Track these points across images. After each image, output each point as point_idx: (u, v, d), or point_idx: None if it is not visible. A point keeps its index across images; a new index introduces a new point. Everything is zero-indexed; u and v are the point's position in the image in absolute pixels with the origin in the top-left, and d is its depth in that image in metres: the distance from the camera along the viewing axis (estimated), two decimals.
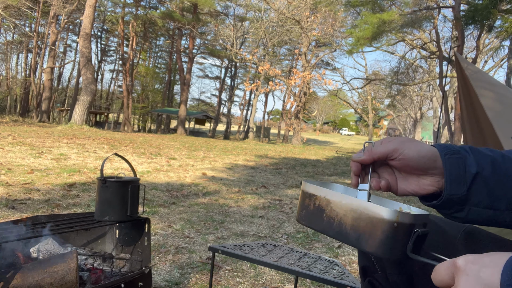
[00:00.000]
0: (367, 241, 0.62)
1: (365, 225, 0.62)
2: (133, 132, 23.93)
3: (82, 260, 1.67)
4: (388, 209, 0.61)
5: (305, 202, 0.72)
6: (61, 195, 4.07)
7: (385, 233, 0.61)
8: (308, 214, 0.71)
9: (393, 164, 0.68)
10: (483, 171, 0.64)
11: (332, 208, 0.67)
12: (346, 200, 0.66)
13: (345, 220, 0.65)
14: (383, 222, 0.61)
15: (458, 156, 0.65)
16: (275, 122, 57.50)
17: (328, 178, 8.25)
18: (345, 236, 0.65)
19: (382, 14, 16.35)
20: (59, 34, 29.30)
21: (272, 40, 27.36)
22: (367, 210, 0.63)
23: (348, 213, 0.65)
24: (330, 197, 0.68)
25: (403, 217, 0.60)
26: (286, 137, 30.38)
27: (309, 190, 0.72)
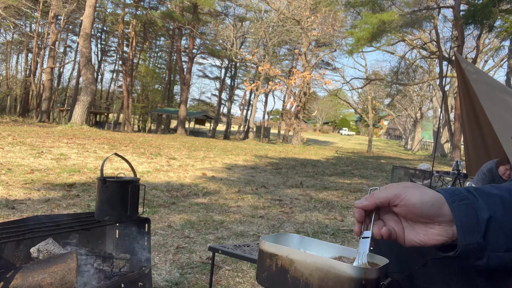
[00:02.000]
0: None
1: (333, 284, 0.60)
2: (133, 132, 23.93)
3: (82, 260, 1.67)
4: (354, 266, 0.60)
5: (266, 262, 0.67)
6: (61, 195, 4.07)
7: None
8: (270, 275, 0.66)
9: (397, 211, 0.64)
10: (496, 213, 0.60)
11: (296, 268, 0.63)
12: (310, 259, 0.63)
13: (311, 281, 0.62)
14: (351, 280, 0.58)
15: (467, 202, 0.60)
16: (275, 122, 57.48)
17: (328, 178, 8.25)
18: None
19: (382, 14, 16.35)
20: (59, 34, 29.30)
21: (272, 40, 27.36)
22: (333, 269, 0.60)
23: (313, 272, 0.61)
24: (293, 256, 0.64)
25: (370, 273, 0.59)
26: (286, 137, 30.38)
27: (270, 250, 0.67)
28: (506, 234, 0.59)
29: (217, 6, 29.36)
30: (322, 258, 0.63)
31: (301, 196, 5.60)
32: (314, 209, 4.68)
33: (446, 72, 19.63)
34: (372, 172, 10.70)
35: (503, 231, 0.59)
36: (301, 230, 3.62)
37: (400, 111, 43.08)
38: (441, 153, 25.18)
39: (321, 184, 7.10)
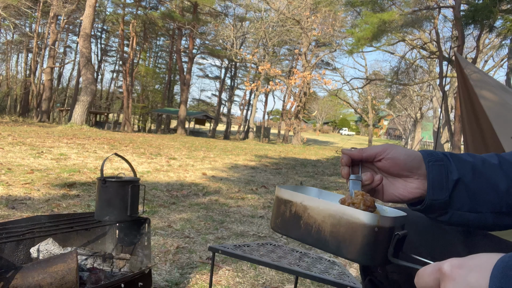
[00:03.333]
0: (347, 248, 0.60)
1: (345, 231, 0.60)
2: (133, 132, 23.93)
3: (82, 260, 1.67)
4: (368, 213, 0.59)
5: (281, 209, 0.68)
6: (61, 195, 4.07)
7: (366, 238, 0.58)
8: (284, 222, 0.67)
9: (380, 165, 0.70)
10: (464, 177, 0.66)
11: (309, 215, 0.64)
12: (324, 206, 0.63)
13: (323, 227, 0.62)
14: (364, 227, 0.58)
15: (441, 164, 0.67)
16: (275, 122, 57.49)
17: (328, 178, 8.25)
18: (324, 244, 0.62)
19: (382, 14, 16.35)
20: (59, 34, 29.31)
21: (272, 40, 27.36)
22: (346, 215, 0.60)
23: (326, 219, 0.62)
24: (307, 203, 0.65)
25: (383, 221, 0.59)
26: (286, 137, 30.38)
27: (284, 196, 0.68)
28: (470, 196, 0.66)
29: (217, 6, 29.36)
30: (336, 205, 0.63)
31: None
32: None
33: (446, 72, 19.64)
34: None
35: (468, 193, 0.66)
36: None
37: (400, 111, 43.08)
38: None
39: (321, 184, 7.10)
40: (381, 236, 0.58)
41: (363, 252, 0.59)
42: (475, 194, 0.66)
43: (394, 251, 0.59)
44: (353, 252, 0.59)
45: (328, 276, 1.56)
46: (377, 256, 0.59)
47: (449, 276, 0.44)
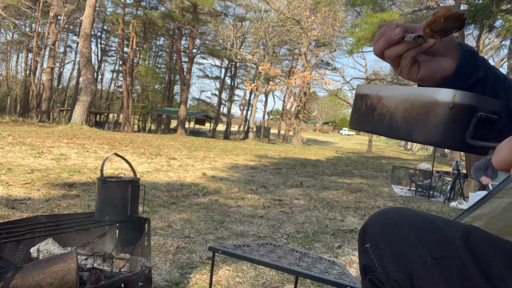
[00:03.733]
0: (418, 130, 0.55)
1: (417, 113, 0.56)
2: (133, 132, 23.93)
3: (82, 260, 1.67)
4: (444, 89, 0.54)
5: (357, 104, 0.68)
6: (61, 195, 4.07)
7: (438, 117, 0.53)
8: (359, 117, 0.67)
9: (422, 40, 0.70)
10: (486, 81, 0.69)
11: (383, 104, 0.62)
12: (398, 92, 0.60)
13: (396, 114, 0.59)
14: (437, 104, 0.53)
15: (475, 58, 0.69)
16: (275, 122, 57.48)
17: (328, 178, 8.25)
18: (396, 131, 0.59)
19: (382, 14, 16.36)
20: (59, 34, 29.31)
21: (272, 40, 27.36)
22: (420, 96, 0.56)
23: (399, 105, 0.59)
24: (382, 93, 0.63)
25: (461, 97, 0.52)
26: (286, 137, 30.38)
27: (362, 91, 0.68)
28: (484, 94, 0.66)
29: (217, 6, 29.35)
30: (411, 88, 0.59)
31: (301, 196, 5.60)
32: (314, 209, 4.68)
33: None
34: (372, 172, 10.70)
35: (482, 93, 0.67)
36: (301, 230, 3.62)
37: None
38: (441, 153, 25.17)
39: (321, 184, 7.10)
40: (458, 114, 0.52)
41: (434, 132, 0.53)
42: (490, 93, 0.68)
43: (474, 133, 0.53)
44: (424, 134, 0.55)
45: (328, 276, 1.55)
46: (451, 137, 0.53)
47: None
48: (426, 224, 0.74)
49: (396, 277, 0.72)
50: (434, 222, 0.74)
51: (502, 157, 0.44)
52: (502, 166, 0.45)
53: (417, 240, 0.72)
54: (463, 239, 0.68)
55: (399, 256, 0.72)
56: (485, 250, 0.66)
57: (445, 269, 0.66)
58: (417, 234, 0.73)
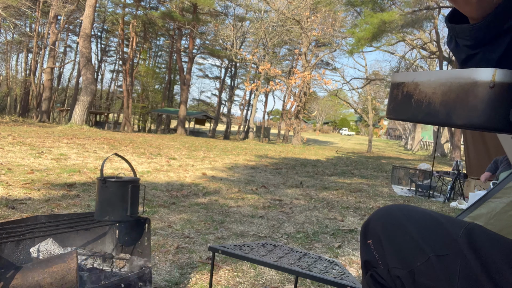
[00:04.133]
0: (458, 113, 0.53)
1: (456, 96, 0.54)
2: (133, 132, 23.94)
3: (82, 260, 1.67)
4: (482, 68, 0.52)
5: (394, 93, 0.67)
6: (61, 195, 4.07)
7: (478, 98, 0.51)
8: (396, 106, 0.66)
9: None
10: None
11: (420, 90, 0.61)
12: (434, 76, 0.59)
13: (434, 99, 0.58)
14: (476, 85, 0.51)
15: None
16: (275, 122, 57.48)
17: (328, 178, 8.25)
18: (435, 116, 0.57)
19: (382, 14, 16.36)
20: (59, 34, 29.31)
21: (272, 40, 27.36)
22: (458, 79, 0.54)
23: (437, 89, 0.57)
24: (418, 79, 0.61)
25: (501, 75, 0.50)
26: (286, 137, 30.38)
27: (397, 79, 0.66)
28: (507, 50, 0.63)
29: (217, 6, 29.36)
30: (448, 71, 0.57)
31: (301, 196, 5.60)
32: (314, 209, 4.68)
33: None
34: (372, 172, 10.70)
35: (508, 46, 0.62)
36: (301, 230, 3.62)
37: None
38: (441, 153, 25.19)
39: (321, 184, 7.10)
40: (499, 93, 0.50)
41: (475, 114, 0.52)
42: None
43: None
44: (464, 117, 0.53)
45: (328, 276, 1.56)
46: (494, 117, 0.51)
47: None
48: (429, 221, 0.74)
49: (398, 273, 0.72)
50: (437, 219, 0.74)
51: None
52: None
53: (420, 237, 0.72)
54: (466, 237, 0.68)
55: (401, 252, 0.72)
56: (488, 248, 0.66)
57: (448, 267, 0.66)
58: (420, 231, 0.73)
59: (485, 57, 0.65)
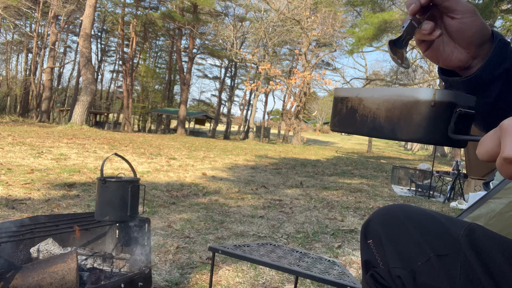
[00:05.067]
0: (402, 129, 0.57)
1: (400, 112, 0.57)
2: (133, 132, 23.93)
3: (82, 260, 1.67)
4: (423, 88, 0.56)
5: (338, 107, 0.69)
6: (61, 195, 4.07)
7: (421, 115, 0.55)
8: (340, 119, 0.68)
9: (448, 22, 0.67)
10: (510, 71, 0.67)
11: (364, 106, 0.63)
12: (378, 93, 0.61)
13: (378, 114, 0.60)
14: (418, 103, 0.55)
15: (506, 48, 0.67)
16: (275, 122, 57.49)
17: (328, 178, 8.25)
18: (380, 131, 0.60)
19: (382, 14, 16.36)
20: (59, 34, 29.31)
21: (272, 40, 27.36)
22: (401, 96, 0.57)
23: (381, 105, 0.60)
24: (362, 95, 0.64)
25: (441, 95, 0.55)
26: (286, 137, 30.38)
27: (341, 94, 0.68)
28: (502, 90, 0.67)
29: (217, 6, 29.36)
30: (391, 89, 0.60)
31: (301, 196, 5.60)
32: (314, 209, 4.68)
33: None
34: (372, 172, 10.70)
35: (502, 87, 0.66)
36: (301, 230, 3.62)
37: None
38: (441, 153, 25.18)
39: (321, 184, 7.10)
40: (439, 111, 0.55)
41: (418, 130, 0.56)
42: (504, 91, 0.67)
43: (455, 128, 0.56)
44: (408, 132, 0.56)
45: (328, 276, 1.56)
46: (435, 133, 0.55)
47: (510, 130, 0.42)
48: (429, 221, 0.74)
49: (398, 273, 0.71)
50: (438, 219, 0.74)
51: (486, 149, 0.45)
52: (487, 158, 0.45)
53: (421, 236, 0.72)
54: (467, 237, 0.68)
55: (402, 252, 0.72)
56: (489, 248, 0.65)
57: (449, 266, 0.66)
58: (420, 230, 0.73)
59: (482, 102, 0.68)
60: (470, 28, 0.66)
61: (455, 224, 0.72)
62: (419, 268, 0.69)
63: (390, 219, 0.77)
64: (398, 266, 0.72)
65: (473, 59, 0.69)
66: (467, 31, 0.66)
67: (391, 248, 0.74)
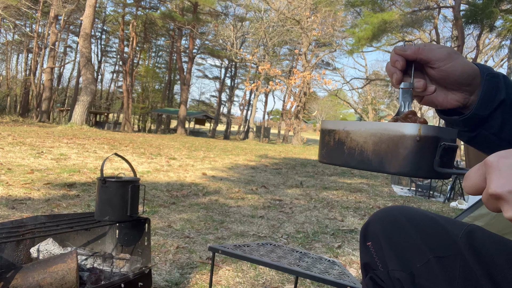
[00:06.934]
0: (390, 162, 0.58)
1: (387, 146, 0.59)
2: (133, 132, 23.93)
3: (82, 260, 1.67)
4: (409, 123, 0.58)
5: (325, 139, 0.70)
6: (61, 195, 4.07)
7: (407, 149, 0.57)
8: (329, 151, 0.69)
9: (432, 73, 0.68)
10: (507, 100, 0.67)
11: (352, 139, 0.64)
12: (365, 127, 0.63)
13: (366, 147, 0.62)
14: (404, 138, 0.57)
15: (496, 80, 0.67)
16: (275, 122, 57.47)
17: (328, 178, 8.25)
18: (368, 163, 0.61)
19: (382, 14, 16.35)
20: (59, 34, 29.30)
21: (272, 40, 27.36)
22: (387, 131, 0.59)
23: (368, 139, 0.62)
24: (349, 128, 0.65)
25: (425, 130, 0.56)
26: (286, 137, 30.38)
27: (328, 127, 0.69)
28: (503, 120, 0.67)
29: (217, 6, 29.36)
30: (377, 123, 0.62)
31: (301, 196, 5.60)
32: (314, 209, 4.68)
33: None
34: (372, 172, 10.70)
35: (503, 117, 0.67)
36: (301, 230, 3.62)
37: None
38: None
39: (321, 184, 7.10)
40: (425, 145, 0.56)
41: (405, 164, 0.57)
42: (507, 120, 0.67)
43: (440, 162, 0.57)
44: (395, 165, 0.58)
45: (328, 276, 1.55)
46: (420, 166, 0.57)
47: (495, 166, 0.42)
48: (429, 222, 0.74)
49: (397, 275, 0.71)
50: (437, 220, 0.74)
51: (472, 184, 0.46)
52: (473, 192, 0.46)
53: (420, 238, 0.72)
54: (466, 238, 0.68)
55: (401, 254, 0.72)
56: (488, 249, 0.65)
57: (448, 268, 0.66)
58: (419, 232, 0.73)
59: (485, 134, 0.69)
60: (452, 73, 0.66)
61: (454, 226, 0.72)
62: (418, 270, 0.69)
63: (389, 221, 0.77)
64: (397, 268, 0.72)
65: (470, 95, 0.69)
66: (450, 76, 0.67)
67: (390, 250, 0.73)
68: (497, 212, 0.44)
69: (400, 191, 7.18)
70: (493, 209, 0.44)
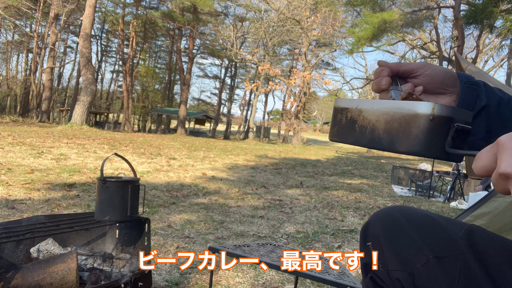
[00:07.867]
0: (401, 141, 0.58)
1: (399, 125, 0.58)
2: (133, 132, 23.93)
3: (82, 260, 1.67)
4: (424, 102, 0.57)
5: (337, 117, 0.70)
6: (61, 195, 4.07)
7: (419, 128, 0.56)
8: (340, 129, 0.69)
9: (416, 82, 0.70)
10: (490, 106, 0.69)
11: (364, 117, 0.64)
12: (378, 105, 0.62)
13: (377, 126, 0.62)
14: (417, 117, 0.56)
15: (475, 88, 0.70)
16: (275, 122, 57.47)
17: (328, 178, 8.25)
18: (378, 142, 0.61)
19: (382, 14, 16.36)
20: (59, 34, 29.30)
21: (272, 40, 27.36)
22: (400, 109, 0.59)
23: (380, 117, 0.61)
24: (362, 106, 0.65)
25: (439, 109, 0.56)
26: (286, 137, 30.37)
27: (341, 105, 0.69)
28: (488, 126, 0.69)
29: (217, 6, 29.36)
30: (390, 102, 0.62)
31: (301, 196, 5.60)
32: (314, 209, 4.68)
33: None
34: (372, 172, 10.70)
35: (487, 123, 0.69)
36: (301, 230, 3.62)
37: None
38: None
39: (321, 184, 7.10)
40: (437, 125, 0.56)
41: (416, 143, 0.57)
42: (492, 126, 0.69)
43: (452, 143, 0.57)
44: (406, 144, 0.57)
45: (328, 276, 1.55)
46: (432, 146, 0.57)
47: (507, 146, 0.42)
48: (428, 223, 0.74)
49: (397, 275, 0.71)
50: (437, 221, 0.74)
51: (482, 164, 0.46)
52: (483, 172, 0.46)
53: (420, 239, 0.72)
54: (466, 239, 0.68)
55: (401, 254, 0.72)
56: (488, 249, 0.65)
57: (448, 269, 0.66)
58: (419, 233, 0.72)
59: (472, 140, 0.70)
60: (436, 75, 0.70)
61: (454, 226, 0.72)
62: (418, 271, 0.69)
63: (389, 222, 0.77)
64: (397, 268, 0.72)
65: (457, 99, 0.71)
66: (435, 79, 0.69)
67: (390, 250, 0.73)
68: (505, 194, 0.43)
69: (400, 191, 7.18)
70: (502, 190, 0.43)
